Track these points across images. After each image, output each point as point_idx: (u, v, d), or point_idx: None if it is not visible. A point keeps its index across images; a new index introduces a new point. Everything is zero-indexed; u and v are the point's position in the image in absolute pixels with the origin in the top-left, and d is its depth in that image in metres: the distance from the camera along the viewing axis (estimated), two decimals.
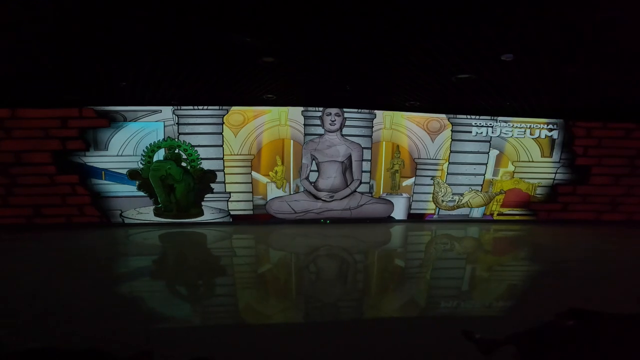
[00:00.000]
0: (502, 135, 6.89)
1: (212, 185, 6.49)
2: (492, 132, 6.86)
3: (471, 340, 2.16)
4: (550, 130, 6.98)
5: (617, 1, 2.92)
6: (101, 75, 4.94)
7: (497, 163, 7.01)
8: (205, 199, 6.55)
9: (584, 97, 5.85)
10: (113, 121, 6.22)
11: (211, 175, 6.46)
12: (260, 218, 6.71)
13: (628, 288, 3.68)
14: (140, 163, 6.27)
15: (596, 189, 7.30)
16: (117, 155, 6.32)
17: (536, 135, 6.96)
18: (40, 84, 5.29)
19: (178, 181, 6.30)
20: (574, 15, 3.12)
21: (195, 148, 6.33)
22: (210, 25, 3.43)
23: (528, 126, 6.93)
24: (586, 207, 7.42)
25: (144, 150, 6.25)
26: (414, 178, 6.94)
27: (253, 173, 6.60)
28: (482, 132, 6.84)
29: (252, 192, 6.64)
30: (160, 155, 6.35)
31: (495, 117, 6.85)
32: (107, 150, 6.27)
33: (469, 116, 6.82)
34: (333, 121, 6.55)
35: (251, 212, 6.70)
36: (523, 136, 6.95)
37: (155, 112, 6.27)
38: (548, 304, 2.37)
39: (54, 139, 6.21)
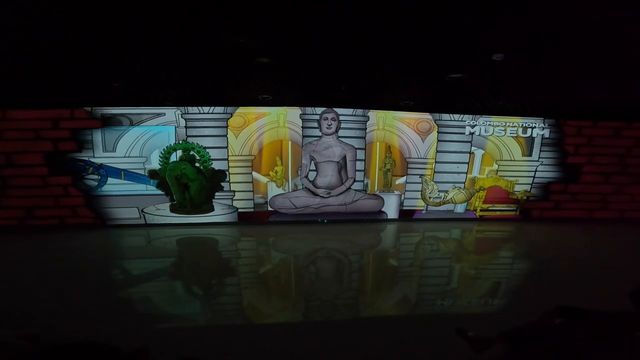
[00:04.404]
0: (496, 134, 7.28)
1: (222, 183, 6.99)
2: (485, 132, 7.26)
3: (464, 338, 2.18)
4: (538, 129, 7.28)
5: (608, 0, 2.93)
6: (93, 76, 4.86)
7: (483, 162, 7.45)
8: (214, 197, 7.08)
9: (574, 96, 5.98)
10: (119, 124, 6.51)
11: (221, 174, 6.95)
12: (264, 215, 7.24)
13: (618, 285, 3.66)
14: (158, 164, 6.72)
15: (587, 187, 7.48)
16: (125, 157, 6.70)
17: (528, 134, 7.30)
18: (31, 85, 5.26)
19: (192, 180, 6.79)
20: (565, 14, 3.15)
21: (207, 150, 6.82)
22: (205, 26, 3.42)
23: (521, 124, 7.29)
24: (577, 205, 7.60)
25: (161, 152, 6.69)
26: (405, 177, 7.43)
27: (253, 173, 7.08)
28: (475, 132, 7.26)
29: (253, 191, 7.12)
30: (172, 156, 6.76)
31: (475, 117, 7.22)
32: (114, 151, 6.64)
33: (452, 117, 7.24)
34: (330, 125, 7.09)
35: (252, 210, 7.19)
36: (515, 134, 7.31)
37: (159, 114, 6.63)
38: (541, 302, 2.37)
39: (47, 140, 6.29)
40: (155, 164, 6.82)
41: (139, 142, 6.72)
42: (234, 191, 7.09)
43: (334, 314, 3.52)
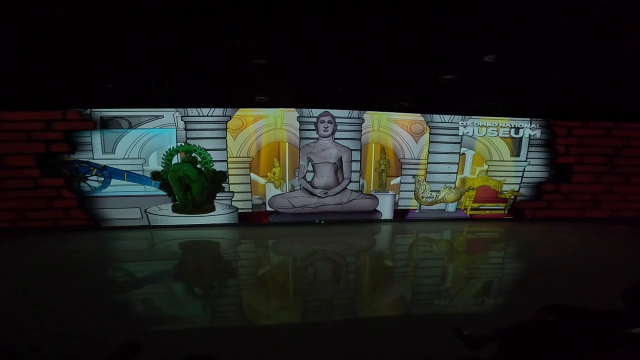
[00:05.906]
0: (489, 134, 7.47)
1: (223, 184, 7.16)
2: (477, 133, 7.44)
3: (460, 336, 2.15)
4: (528, 129, 7.46)
5: (598, 1, 2.97)
6: (87, 77, 4.85)
7: (473, 162, 7.68)
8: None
9: (564, 97, 6.12)
10: (118, 126, 6.61)
11: (222, 175, 7.13)
12: (264, 215, 7.43)
13: (611, 284, 3.56)
14: (160, 165, 6.86)
15: (578, 187, 7.64)
16: (124, 158, 6.82)
17: (520, 134, 7.47)
18: (23, 87, 5.24)
19: (194, 181, 6.93)
20: (555, 15, 3.21)
21: (208, 151, 6.97)
22: (201, 27, 3.42)
23: (512, 125, 7.46)
24: (569, 204, 7.76)
25: (163, 155, 6.82)
26: (399, 177, 7.64)
27: (251, 174, 7.26)
28: (467, 132, 7.44)
29: (250, 192, 7.30)
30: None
31: (465, 118, 7.41)
32: (114, 153, 6.76)
33: (442, 119, 7.42)
34: (326, 128, 7.28)
35: (250, 210, 7.37)
36: (507, 135, 7.49)
37: (157, 117, 6.75)
38: (536, 300, 2.32)
39: (39, 142, 6.28)
40: (153, 165, 6.93)
41: (138, 143, 6.86)
42: (233, 192, 7.27)
43: (332, 315, 3.58)
